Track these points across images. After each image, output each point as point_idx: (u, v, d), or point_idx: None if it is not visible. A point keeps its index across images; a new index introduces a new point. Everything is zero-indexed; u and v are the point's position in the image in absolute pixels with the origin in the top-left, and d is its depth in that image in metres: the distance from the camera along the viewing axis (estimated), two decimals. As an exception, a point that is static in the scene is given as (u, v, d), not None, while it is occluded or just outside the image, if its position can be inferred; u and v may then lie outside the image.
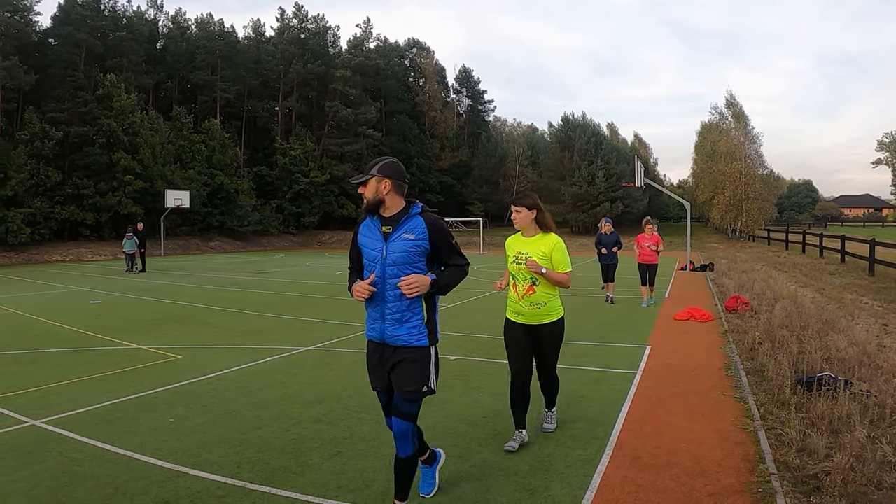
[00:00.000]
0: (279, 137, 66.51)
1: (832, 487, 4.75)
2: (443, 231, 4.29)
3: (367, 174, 4.26)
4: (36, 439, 6.16)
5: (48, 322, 13.71)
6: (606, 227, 17.31)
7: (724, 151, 60.11)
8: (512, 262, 5.95)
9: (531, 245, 5.90)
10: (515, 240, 6.07)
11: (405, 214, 4.30)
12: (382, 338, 4.32)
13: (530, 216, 5.88)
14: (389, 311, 4.25)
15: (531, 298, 5.81)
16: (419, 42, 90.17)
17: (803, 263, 29.67)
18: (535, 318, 5.85)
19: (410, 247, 4.20)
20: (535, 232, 5.97)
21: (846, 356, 8.82)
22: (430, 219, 4.29)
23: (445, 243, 4.30)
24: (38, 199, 41.88)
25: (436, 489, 4.93)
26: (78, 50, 48.31)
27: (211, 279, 24.75)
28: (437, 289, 4.26)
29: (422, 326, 4.30)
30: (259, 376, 8.71)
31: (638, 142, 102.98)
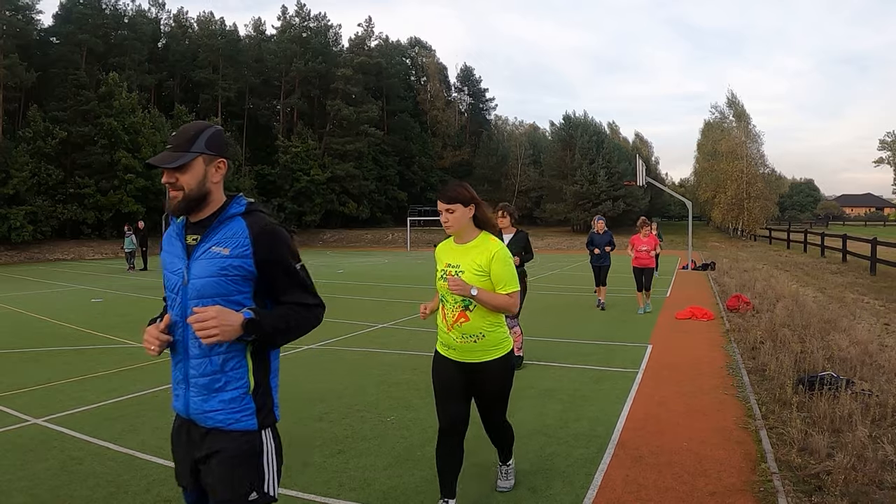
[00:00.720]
0: (281, 136, 66.54)
1: (834, 487, 4.75)
2: (278, 244, 2.67)
3: (189, 151, 2.66)
4: (38, 438, 6.16)
5: (50, 320, 13.72)
6: (599, 225, 15.87)
7: (725, 150, 60.06)
8: (439, 277, 4.36)
9: (465, 254, 4.31)
10: (446, 248, 4.48)
11: (220, 215, 2.72)
12: (188, 412, 2.73)
13: (467, 214, 4.27)
14: (194, 371, 2.69)
15: (464, 328, 4.26)
16: (420, 41, 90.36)
17: (805, 262, 29.65)
18: (470, 355, 4.31)
19: (222, 268, 2.60)
20: (473, 235, 4.36)
21: (848, 355, 8.82)
22: (259, 223, 2.68)
23: (280, 265, 2.68)
24: (40, 198, 41.93)
25: None
26: (79, 49, 48.42)
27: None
28: (259, 334, 2.57)
29: (245, 399, 2.68)
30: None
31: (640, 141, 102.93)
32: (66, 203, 43.70)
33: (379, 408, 7.07)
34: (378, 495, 4.81)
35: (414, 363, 9.37)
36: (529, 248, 9.41)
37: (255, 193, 59.45)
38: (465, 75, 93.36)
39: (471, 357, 4.32)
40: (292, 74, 66.98)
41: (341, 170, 64.99)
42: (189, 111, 57.40)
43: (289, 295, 2.71)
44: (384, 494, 4.82)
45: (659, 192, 73.45)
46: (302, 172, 63.64)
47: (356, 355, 10.00)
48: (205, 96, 63.37)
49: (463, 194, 4.26)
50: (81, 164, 44.95)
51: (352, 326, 12.62)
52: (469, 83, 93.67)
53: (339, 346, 10.82)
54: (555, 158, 70.78)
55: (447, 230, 4.34)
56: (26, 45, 46.00)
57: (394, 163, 75.52)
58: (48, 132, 42.77)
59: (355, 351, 10.31)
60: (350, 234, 65.95)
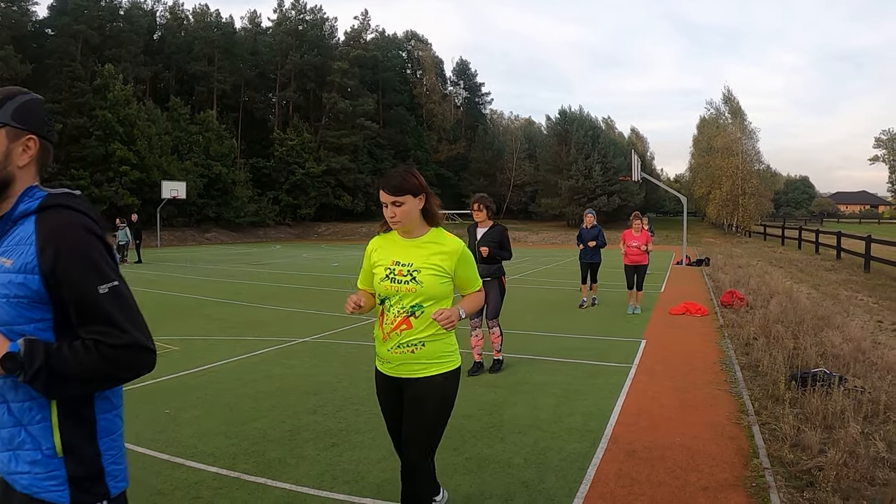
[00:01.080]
0: (277, 129, 66.46)
1: (825, 482, 4.77)
2: (67, 253, 1.91)
3: None
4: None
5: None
6: (588, 219, 15.01)
7: (720, 146, 60.09)
8: (383, 277, 3.67)
9: (418, 252, 3.67)
10: (388, 242, 3.82)
11: (9, 211, 2.03)
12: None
13: (417, 206, 3.64)
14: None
15: (402, 336, 3.60)
16: (417, 34, 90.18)
17: (799, 259, 29.72)
18: (406, 369, 3.66)
19: (3, 285, 1.91)
20: (424, 230, 3.75)
21: (841, 352, 8.85)
22: (51, 223, 1.96)
23: (69, 284, 1.90)
24: (35, 191, 41.68)
25: None
26: (75, 40, 48.29)
27: (207, 271, 24.73)
28: (27, 377, 1.83)
29: (51, 464, 1.95)
30: (255, 368, 8.71)
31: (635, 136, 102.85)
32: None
33: (372, 401, 7.00)
34: (371, 488, 4.82)
35: (408, 357, 9.37)
36: (507, 245, 8.65)
37: (250, 186, 59.40)
38: (460, 69, 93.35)
39: (405, 371, 3.65)
40: (288, 67, 66.90)
41: (337, 163, 64.97)
42: (185, 103, 57.29)
43: (86, 327, 1.92)
44: (378, 487, 4.83)
45: (654, 188, 73.53)
46: (297, 165, 63.58)
47: (350, 348, 10.01)
48: (200, 88, 63.24)
49: (412, 183, 3.59)
50: (76, 157, 44.82)
51: (345, 320, 12.62)
52: (465, 77, 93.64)
53: (333, 339, 10.82)
54: (550, 153, 70.79)
55: (394, 226, 3.69)
56: (21, 36, 45.86)
57: (389, 156, 75.44)
58: (42, 124, 42.58)
59: (349, 344, 10.32)
60: (345, 228, 65.91)
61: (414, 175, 3.65)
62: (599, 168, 64.50)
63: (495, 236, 8.52)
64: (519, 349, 9.86)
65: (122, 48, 52.47)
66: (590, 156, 65.39)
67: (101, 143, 44.57)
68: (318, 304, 15.10)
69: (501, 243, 8.56)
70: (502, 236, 8.62)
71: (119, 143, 44.63)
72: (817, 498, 4.57)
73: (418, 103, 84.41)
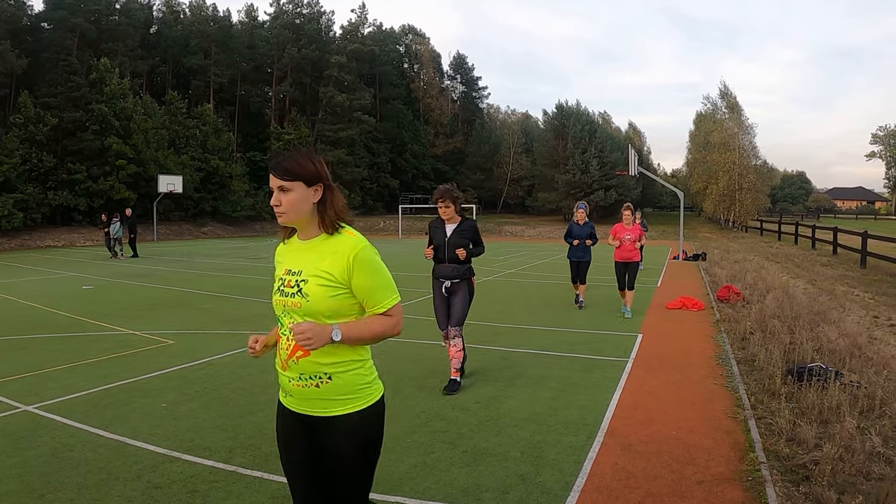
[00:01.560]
0: (273, 122, 66.35)
1: (821, 477, 4.78)
2: None
3: None
4: (28, 425, 6.15)
5: (41, 307, 13.68)
6: (580, 214, 13.71)
7: (717, 142, 60.18)
8: (274, 290, 3.03)
9: (309, 256, 2.93)
10: (289, 248, 3.10)
11: None
12: None
13: (309, 197, 2.92)
14: None
15: (301, 366, 2.86)
16: (414, 28, 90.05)
17: (795, 255, 29.77)
18: (309, 405, 2.90)
19: None
20: (318, 231, 2.97)
21: (837, 347, 8.87)
22: None
23: None
24: (31, 185, 41.60)
25: None
26: (71, 34, 48.09)
27: (204, 265, 24.70)
28: None
29: None
30: (251, 361, 8.69)
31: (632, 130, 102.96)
32: (57, 190, 43.32)
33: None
34: (368, 482, 4.81)
35: (403, 350, 9.37)
36: (479, 240, 7.76)
37: (247, 180, 59.29)
38: (457, 63, 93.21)
39: (310, 408, 2.89)
40: (285, 61, 66.74)
41: (333, 157, 64.82)
42: (182, 97, 57.13)
43: None
44: (374, 481, 4.82)
45: (651, 183, 73.55)
46: (294, 160, 63.36)
47: (347, 343, 10.00)
48: (196, 82, 63.07)
49: (306, 168, 2.88)
50: (72, 151, 44.63)
51: (343, 314, 12.60)
52: (462, 71, 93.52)
53: (331, 333, 10.79)
54: (547, 147, 70.71)
55: (279, 218, 2.95)
56: (17, 30, 45.66)
57: (386, 150, 75.35)
58: (39, 118, 42.45)
59: (346, 338, 10.30)
60: (341, 223, 65.58)
61: (312, 161, 2.94)
62: (596, 162, 64.45)
63: (468, 233, 7.60)
64: (515, 343, 9.86)
65: (118, 42, 52.27)
66: (587, 150, 65.32)
67: (97, 137, 44.35)
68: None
69: (475, 239, 7.69)
70: (475, 232, 7.69)
71: (115, 137, 44.40)
72: (813, 492, 4.58)
73: (415, 97, 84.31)
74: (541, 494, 4.63)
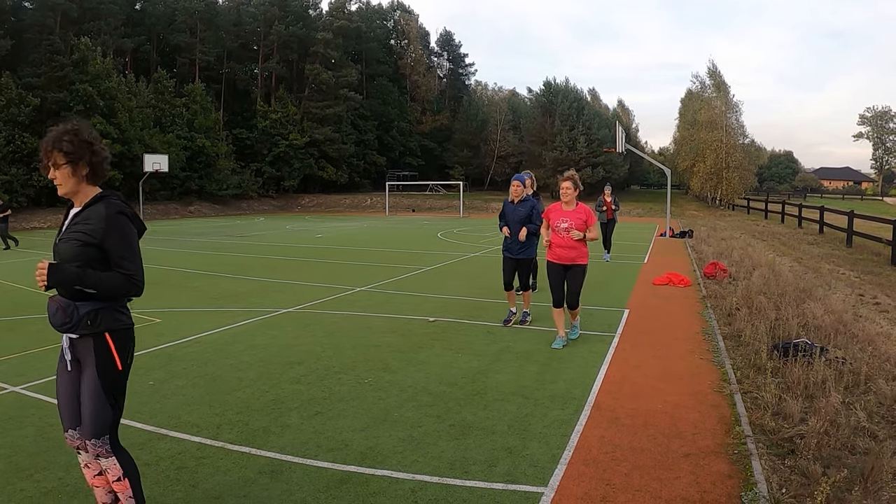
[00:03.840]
0: (260, 100, 65.98)
1: (806, 451, 4.82)
2: None
3: None
4: (16, 405, 6.13)
5: (26, 289, 13.59)
6: (515, 188, 9.48)
7: (704, 120, 60.18)
8: None
9: None
10: None
11: None
12: None
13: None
14: None
15: None
16: (403, 5, 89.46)
17: (782, 233, 29.91)
18: None
19: None
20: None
21: (822, 324, 8.93)
22: None
23: None
24: (15, 167, 41.32)
25: None
26: (53, 13, 47.41)
27: (190, 243, 24.61)
28: None
29: None
30: (238, 338, 8.70)
31: (621, 108, 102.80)
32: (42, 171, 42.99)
33: (356, 370, 7.08)
34: (356, 456, 4.83)
35: (391, 325, 9.39)
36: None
37: (233, 158, 59.01)
38: (445, 40, 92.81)
39: None
40: (271, 38, 66.22)
41: (320, 134, 64.64)
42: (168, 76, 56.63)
43: None
44: (362, 455, 4.84)
45: (639, 160, 73.69)
46: (280, 137, 63.23)
47: (334, 318, 10.00)
48: (182, 60, 62.58)
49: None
50: (57, 132, 44.22)
51: (330, 290, 12.61)
52: (449, 48, 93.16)
53: (318, 309, 10.81)
54: (534, 124, 70.61)
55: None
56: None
57: (372, 127, 75.13)
58: (21, 99, 42.13)
59: (333, 314, 10.31)
60: (328, 199, 65.71)
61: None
62: (584, 140, 64.40)
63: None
64: (501, 318, 9.86)
65: (101, 20, 51.66)
66: (574, 127, 65.25)
67: (81, 116, 43.85)
68: (302, 274, 15.07)
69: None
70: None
71: (99, 117, 44.07)
72: (798, 465, 4.61)
73: (402, 74, 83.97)
74: (528, 467, 4.64)
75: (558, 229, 8.31)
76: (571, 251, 8.29)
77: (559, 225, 8.30)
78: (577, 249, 8.29)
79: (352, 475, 4.54)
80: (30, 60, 45.33)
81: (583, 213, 8.32)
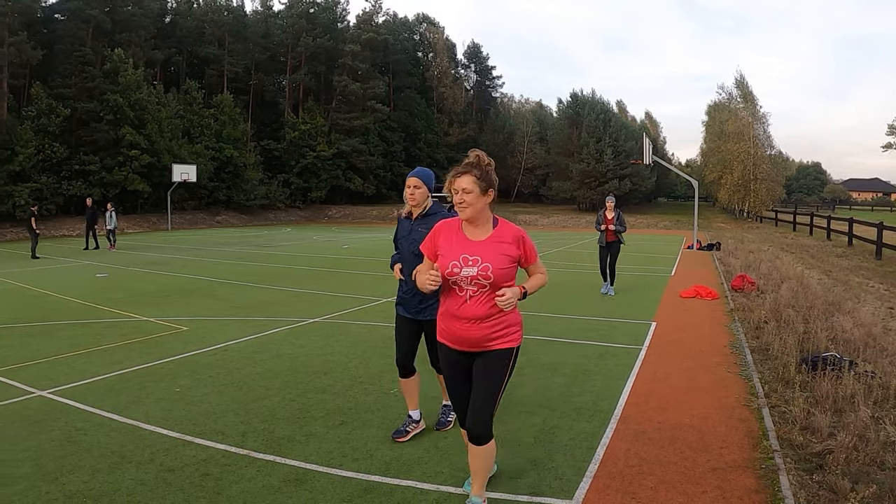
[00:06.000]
0: (288, 111, 66.35)
1: (835, 466, 4.76)
2: None
3: None
4: (43, 409, 6.19)
5: (55, 295, 13.75)
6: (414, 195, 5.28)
7: (732, 131, 59.72)
8: None
9: None
10: None
11: None
12: None
13: None
14: None
15: None
16: (429, 17, 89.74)
17: (810, 245, 29.62)
18: None
19: None
20: None
21: (851, 337, 8.82)
22: None
23: None
24: (45, 175, 41.79)
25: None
26: (86, 25, 47.99)
27: (217, 253, 24.78)
28: None
29: None
30: (265, 347, 8.74)
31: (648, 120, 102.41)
32: (71, 180, 43.48)
33: (382, 380, 7.09)
34: (380, 466, 4.83)
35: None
36: None
37: (260, 169, 59.38)
38: (472, 52, 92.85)
39: None
40: (299, 50, 66.59)
41: (347, 145, 64.84)
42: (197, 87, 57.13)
43: None
44: (386, 465, 4.84)
45: (666, 172, 73.28)
46: (308, 148, 63.48)
47: (360, 329, 10.03)
48: (211, 71, 63.04)
49: None
50: (86, 141, 44.69)
51: (356, 300, 12.65)
52: (476, 60, 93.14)
53: (344, 319, 10.84)
54: (561, 136, 70.46)
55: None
56: (32, 22, 45.66)
57: (399, 139, 75.30)
58: (52, 109, 42.63)
59: (359, 324, 10.33)
60: (355, 210, 65.91)
61: None
62: (611, 151, 64.09)
63: None
64: (528, 330, 9.81)
65: (132, 32, 52.19)
66: (601, 139, 64.99)
67: (111, 127, 44.38)
68: (328, 285, 15.13)
69: None
70: None
71: (129, 128, 44.50)
72: (826, 481, 4.55)
73: (429, 86, 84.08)
74: (553, 480, 4.62)
75: (456, 278, 3.88)
76: (482, 326, 3.95)
77: (457, 271, 3.86)
78: (494, 321, 3.96)
79: (376, 485, 4.54)
80: (60, 71, 45.88)
81: (509, 245, 3.96)
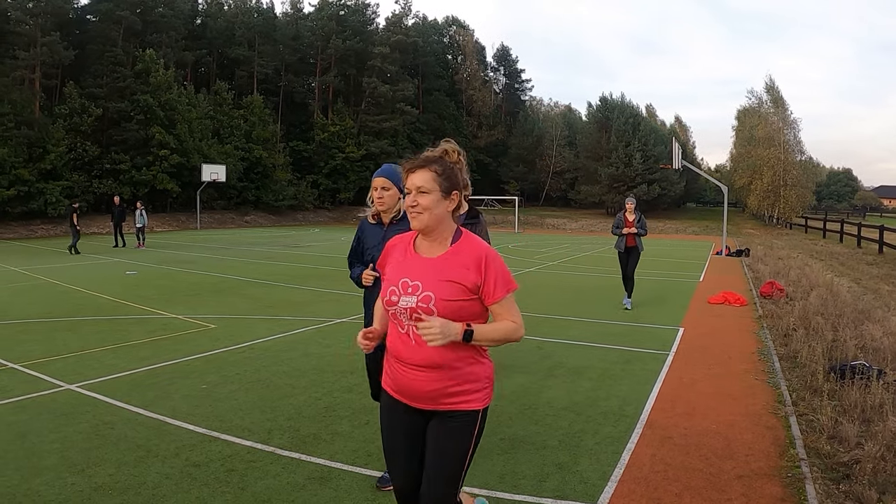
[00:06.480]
0: (318, 112, 66.63)
1: (862, 476, 4.71)
2: None
3: None
4: (71, 402, 6.27)
5: (85, 291, 13.91)
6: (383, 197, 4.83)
7: (761, 136, 59.21)
8: None
9: None
10: None
11: None
12: None
13: None
14: None
15: None
16: (458, 20, 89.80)
17: (840, 253, 29.31)
18: None
19: None
20: None
21: (881, 346, 8.72)
22: None
23: None
24: (77, 173, 42.33)
25: None
26: (117, 26, 48.49)
27: (245, 252, 24.94)
28: None
29: None
30: (292, 346, 8.79)
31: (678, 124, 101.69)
32: (102, 178, 44.02)
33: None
34: (405, 466, 4.84)
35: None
36: None
37: (289, 169, 59.68)
38: (501, 55, 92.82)
39: None
40: (329, 52, 66.85)
41: (376, 147, 64.99)
42: (227, 88, 57.54)
43: None
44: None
45: (695, 177, 72.75)
46: (338, 150, 63.70)
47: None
48: (241, 73, 63.44)
49: None
50: (117, 140, 45.20)
51: (382, 303, 12.67)
52: (505, 63, 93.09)
53: (370, 321, 10.86)
54: (590, 140, 70.26)
55: None
56: (64, 23, 46.22)
57: (428, 141, 74.45)
58: (84, 109, 43.16)
59: (385, 326, 10.36)
60: (383, 213, 65.96)
61: None
62: (640, 156, 63.82)
63: None
64: (555, 334, 9.83)
65: (163, 33, 52.68)
66: (630, 143, 64.72)
67: (141, 127, 44.87)
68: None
69: None
70: None
71: (159, 128, 44.93)
72: (853, 491, 4.51)
73: (458, 89, 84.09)
74: (578, 483, 4.61)
75: (395, 308, 2.98)
76: (433, 378, 2.94)
77: (395, 300, 2.96)
78: (452, 372, 2.93)
79: (400, 485, 4.55)
80: (92, 71, 46.41)
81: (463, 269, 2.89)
